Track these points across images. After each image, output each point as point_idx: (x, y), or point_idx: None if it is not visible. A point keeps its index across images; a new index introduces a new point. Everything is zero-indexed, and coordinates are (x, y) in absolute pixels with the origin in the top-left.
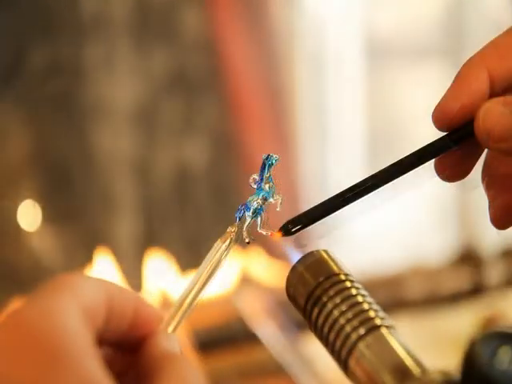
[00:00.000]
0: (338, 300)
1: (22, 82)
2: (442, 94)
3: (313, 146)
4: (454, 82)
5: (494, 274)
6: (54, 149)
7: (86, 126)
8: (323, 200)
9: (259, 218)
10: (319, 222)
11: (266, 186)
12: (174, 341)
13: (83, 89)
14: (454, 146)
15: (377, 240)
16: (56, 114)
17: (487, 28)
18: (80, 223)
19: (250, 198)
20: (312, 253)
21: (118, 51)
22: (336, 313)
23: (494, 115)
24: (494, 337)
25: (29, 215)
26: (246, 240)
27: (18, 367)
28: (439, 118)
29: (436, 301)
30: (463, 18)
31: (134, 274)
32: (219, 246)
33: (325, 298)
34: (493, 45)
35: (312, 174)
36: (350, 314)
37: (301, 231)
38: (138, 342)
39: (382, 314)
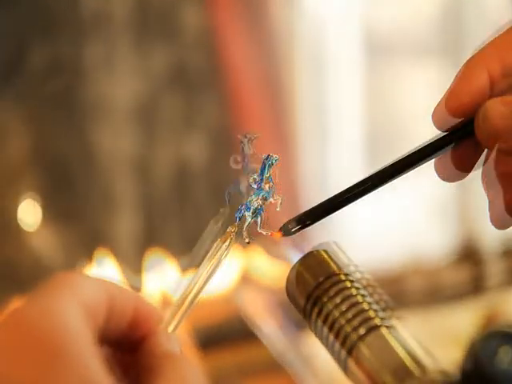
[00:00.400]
0: (337, 300)
1: (23, 80)
2: (442, 94)
3: (313, 146)
4: (454, 81)
5: (494, 272)
6: (54, 148)
7: (86, 125)
8: (323, 200)
9: (259, 218)
10: (319, 221)
11: (266, 186)
12: (174, 340)
13: (83, 87)
14: (454, 145)
15: (377, 239)
16: (56, 112)
17: (487, 28)
18: (80, 222)
19: (250, 198)
20: (312, 253)
21: (118, 50)
22: (336, 313)
23: (494, 115)
24: (494, 336)
25: (29, 214)
26: (246, 240)
27: (19, 367)
28: (439, 118)
29: (436, 299)
30: (463, 17)
31: (134, 274)
32: (219, 245)
33: (325, 298)
34: (493, 45)
35: (312, 174)
36: (349, 314)
37: (301, 231)
38: (138, 342)
39: (381, 313)
